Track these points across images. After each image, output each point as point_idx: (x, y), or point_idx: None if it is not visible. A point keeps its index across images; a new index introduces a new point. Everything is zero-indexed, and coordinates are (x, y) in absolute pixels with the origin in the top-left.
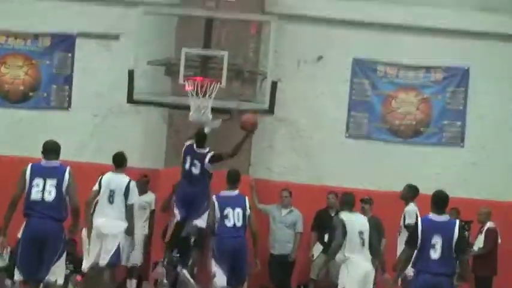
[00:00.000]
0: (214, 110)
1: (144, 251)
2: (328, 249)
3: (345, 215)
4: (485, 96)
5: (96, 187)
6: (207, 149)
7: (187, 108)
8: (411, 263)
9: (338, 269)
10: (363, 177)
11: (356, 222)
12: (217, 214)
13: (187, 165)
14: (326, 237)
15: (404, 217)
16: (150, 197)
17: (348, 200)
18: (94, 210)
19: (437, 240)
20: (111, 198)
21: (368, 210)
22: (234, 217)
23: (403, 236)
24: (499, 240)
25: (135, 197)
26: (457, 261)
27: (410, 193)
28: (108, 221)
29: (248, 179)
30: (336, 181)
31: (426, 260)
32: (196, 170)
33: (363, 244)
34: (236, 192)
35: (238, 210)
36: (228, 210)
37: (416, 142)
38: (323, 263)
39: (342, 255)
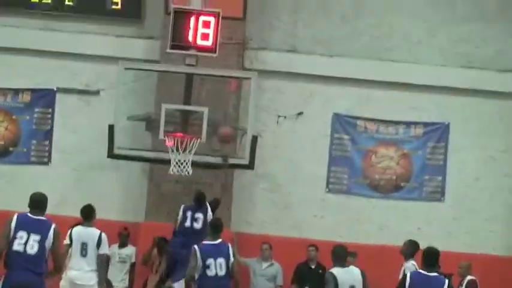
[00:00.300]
0: (195, 165)
1: None
2: None
3: (336, 270)
4: (465, 151)
5: (66, 241)
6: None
7: (167, 162)
8: None
9: None
10: (342, 231)
11: (348, 276)
12: (199, 263)
13: (187, 223)
14: None
15: (404, 273)
16: (130, 250)
17: (339, 254)
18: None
19: None
20: (83, 252)
21: (352, 263)
22: (216, 267)
23: None
24: None
25: (106, 248)
26: None
27: (411, 249)
28: (82, 273)
29: (229, 233)
30: (315, 234)
31: None
32: (198, 225)
33: None
34: (219, 240)
35: (221, 260)
36: (210, 261)
37: (396, 197)
38: None
39: None
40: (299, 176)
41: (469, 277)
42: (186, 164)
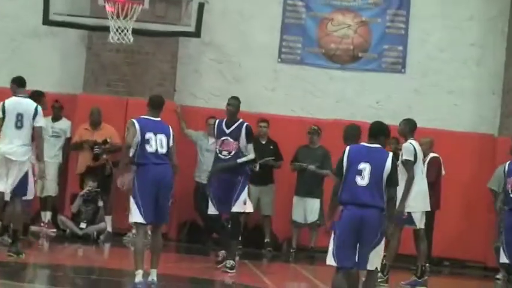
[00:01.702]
0: (136, 33)
1: (58, 181)
2: None
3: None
4: (428, 20)
5: None
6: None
7: (107, 30)
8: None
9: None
10: (297, 105)
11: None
12: (137, 138)
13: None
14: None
15: (402, 153)
16: (65, 124)
17: (351, 133)
18: None
19: (364, 167)
20: (19, 123)
21: (316, 141)
22: (156, 143)
23: (400, 172)
24: (443, 172)
25: (42, 120)
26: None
27: (408, 127)
28: (15, 148)
29: (173, 105)
30: (268, 108)
31: (352, 188)
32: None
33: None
34: (158, 119)
35: (161, 136)
36: (150, 136)
37: (354, 68)
38: None
39: None
40: (249, 46)
41: (431, 154)
42: (127, 31)
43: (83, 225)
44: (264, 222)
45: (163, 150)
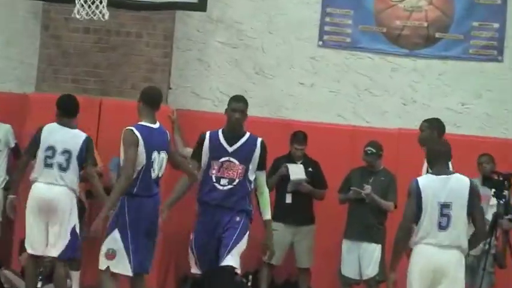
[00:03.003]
0: (113, 5)
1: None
2: None
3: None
4: None
5: None
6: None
7: (71, 1)
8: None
9: None
10: (345, 108)
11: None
12: (142, 162)
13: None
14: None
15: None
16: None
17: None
18: None
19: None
20: None
21: (377, 162)
22: (157, 165)
23: None
24: None
25: None
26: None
27: (435, 132)
28: None
29: (167, 109)
30: (303, 113)
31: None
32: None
33: None
34: (157, 125)
35: (163, 154)
36: (155, 156)
37: (428, 54)
38: None
39: None
40: (276, 23)
41: None
42: (100, 2)
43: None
44: (301, 277)
45: (161, 174)
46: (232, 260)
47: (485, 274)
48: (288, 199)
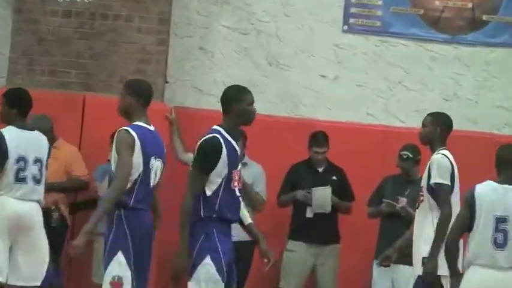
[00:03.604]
0: None
1: None
2: None
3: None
4: None
5: None
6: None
7: None
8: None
9: None
10: (376, 105)
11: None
12: (139, 168)
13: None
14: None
15: (429, 172)
16: None
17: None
18: None
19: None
20: None
21: (414, 170)
22: (154, 173)
23: (426, 206)
24: None
25: None
26: None
27: (438, 128)
28: None
29: (163, 107)
30: (326, 111)
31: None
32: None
33: None
34: (152, 127)
35: (159, 162)
36: (153, 162)
37: (473, 41)
38: None
39: None
40: (293, 4)
41: None
42: None
43: None
44: None
45: (156, 183)
46: None
47: None
48: (309, 213)
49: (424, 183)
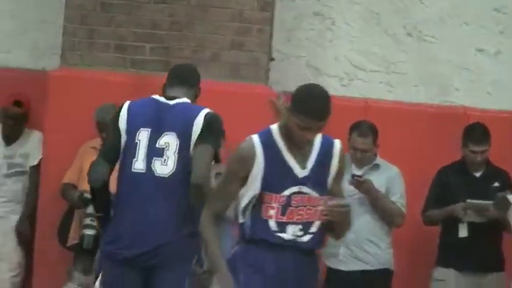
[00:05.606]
0: None
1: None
2: None
3: None
4: None
5: None
6: None
7: None
8: None
9: None
10: None
11: None
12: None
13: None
14: None
15: None
16: (32, 143)
17: None
18: None
19: None
20: None
21: None
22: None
23: None
24: None
25: None
26: None
27: None
28: None
29: (268, 91)
30: (483, 98)
31: None
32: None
33: None
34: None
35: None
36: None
37: None
38: None
39: None
40: None
41: None
42: None
43: None
44: None
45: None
46: None
47: None
48: (463, 231)
49: None
